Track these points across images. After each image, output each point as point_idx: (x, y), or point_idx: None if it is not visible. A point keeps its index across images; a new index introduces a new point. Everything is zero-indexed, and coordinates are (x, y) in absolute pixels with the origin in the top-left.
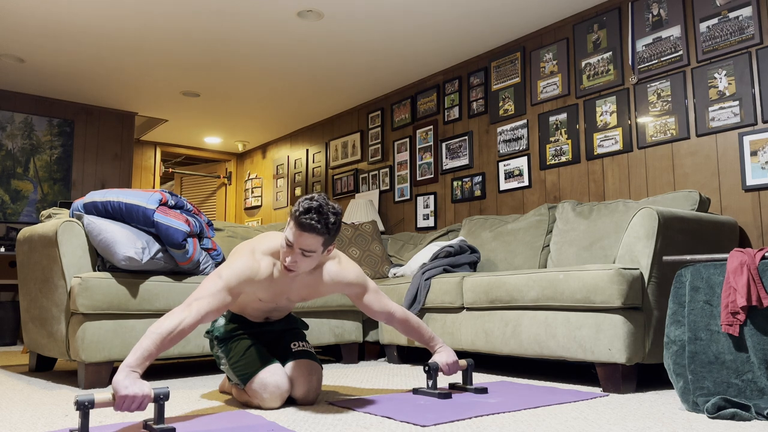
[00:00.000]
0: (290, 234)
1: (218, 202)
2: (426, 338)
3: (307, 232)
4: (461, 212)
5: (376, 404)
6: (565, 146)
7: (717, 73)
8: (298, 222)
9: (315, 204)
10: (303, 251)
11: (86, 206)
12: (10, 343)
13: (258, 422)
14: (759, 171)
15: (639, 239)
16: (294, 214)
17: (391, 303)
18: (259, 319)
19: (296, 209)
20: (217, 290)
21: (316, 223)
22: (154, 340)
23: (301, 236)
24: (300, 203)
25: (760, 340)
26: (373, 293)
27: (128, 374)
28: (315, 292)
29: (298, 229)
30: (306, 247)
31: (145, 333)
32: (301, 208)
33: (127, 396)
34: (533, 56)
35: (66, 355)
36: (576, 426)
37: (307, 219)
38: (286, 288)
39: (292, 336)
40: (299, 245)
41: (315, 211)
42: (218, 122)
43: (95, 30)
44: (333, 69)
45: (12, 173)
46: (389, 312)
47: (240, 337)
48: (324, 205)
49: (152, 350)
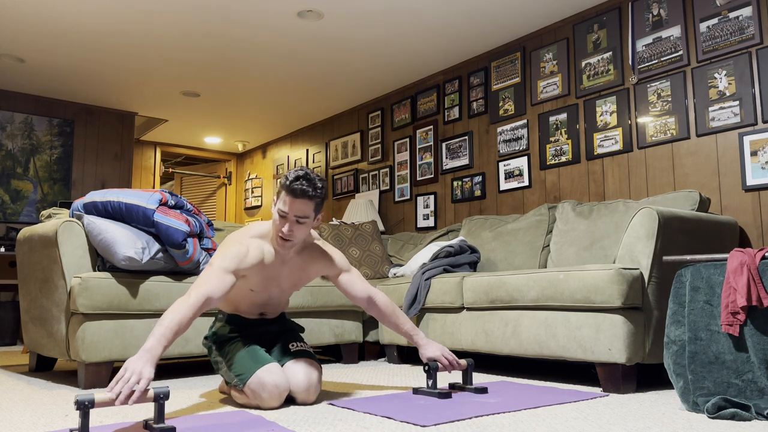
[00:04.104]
0: (282, 204)
1: (218, 202)
2: (406, 329)
3: (300, 198)
4: (461, 212)
5: (376, 404)
6: (565, 146)
7: (717, 73)
8: (290, 189)
9: (302, 172)
10: (297, 218)
11: (86, 206)
12: (10, 343)
13: (258, 422)
14: (759, 171)
15: (639, 239)
16: (285, 184)
17: (373, 288)
18: (254, 315)
19: (285, 180)
20: (214, 273)
21: (307, 188)
22: (166, 325)
23: (293, 203)
24: (287, 175)
25: (760, 340)
26: (355, 275)
27: (143, 355)
28: (305, 275)
29: (291, 196)
30: (300, 212)
31: (154, 327)
32: (290, 177)
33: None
34: (533, 56)
35: (66, 355)
36: (576, 426)
37: (298, 185)
38: (276, 272)
39: (290, 337)
40: (294, 212)
41: (303, 177)
42: (218, 122)
43: (95, 30)
44: (333, 69)
45: (12, 173)
46: (370, 296)
47: (237, 340)
48: (310, 172)
49: (168, 335)
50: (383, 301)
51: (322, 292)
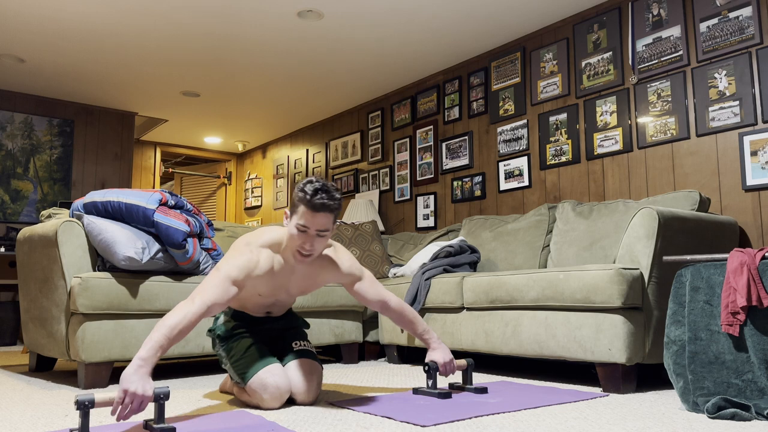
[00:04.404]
0: (303, 220)
1: (218, 202)
2: (420, 331)
3: (322, 212)
4: (461, 212)
5: (376, 404)
6: (565, 146)
7: (717, 73)
8: (311, 204)
9: (319, 185)
10: (318, 232)
11: (86, 206)
12: (10, 343)
13: (258, 422)
14: (759, 171)
15: (639, 239)
16: (303, 199)
17: (386, 291)
18: (260, 313)
19: (303, 195)
20: (220, 281)
21: (328, 201)
22: (163, 333)
23: (315, 217)
24: (303, 188)
25: (760, 340)
26: (368, 281)
27: (138, 368)
28: (314, 283)
29: (312, 211)
30: (321, 227)
31: (152, 330)
32: (308, 191)
33: (128, 391)
34: (533, 56)
35: (66, 355)
36: (576, 426)
37: (318, 200)
38: (285, 281)
39: (294, 334)
40: (315, 227)
41: (322, 190)
42: (218, 122)
43: (95, 30)
44: (333, 69)
45: (12, 173)
46: (384, 300)
47: (241, 336)
48: (326, 183)
49: (163, 342)
50: (396, 304)
51: (322, 292)
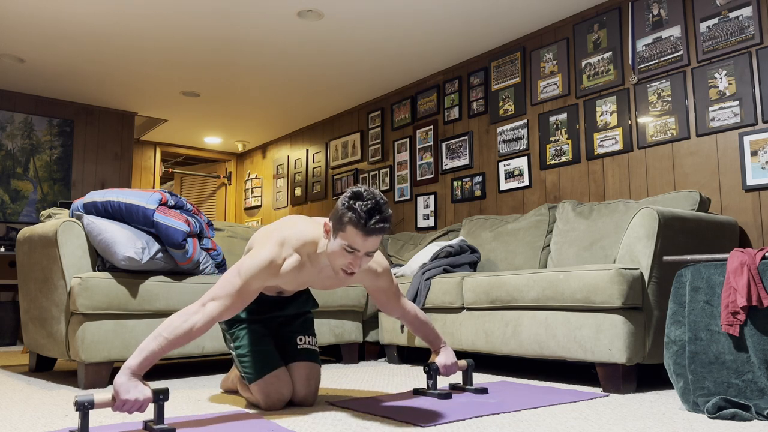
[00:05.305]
0: (353, 241)
1: (218, 202)
2: (432, 337)
3: (376, 235)
4: (461, 212)
5: (376, 404)
6: (565, 146)
7: (717, 73)
8: (367, 229)
9: (371, 204)
10: (369, 253)
11: (86, 206)
12: (10, 343)
13: (258, 422)
14: (759, 171)
15: (639, 239)
16: (355, 221)
17: (406, 301)
18: (272, 293)
19: (355, 216)
20: (235, 291)
21: (383, 224)
22: (160, 343)
23: (367, 240)
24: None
25: (761, 340)
26: (392, 293)
27: (130, 377)
28: (339, 284)
29: (366, 235)
30: (373, 248)
31: (153, 332)
32: (363, 214)
33: (128, 401)
34: (533, 56)
35: (66, 355)
36: (576, 426)
37: (374, 225)
38: (311, 279)
39: (302, 324)
40: (366, 249)
41: (376, 211)
42: (218, 122)
43: (95, 30)
44: (333, 69)
45: (12, 173)
46: (405, 309)
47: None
48: (379, 200)
49: (157, 352)
50: (412, 315)
51: (322, 292)
